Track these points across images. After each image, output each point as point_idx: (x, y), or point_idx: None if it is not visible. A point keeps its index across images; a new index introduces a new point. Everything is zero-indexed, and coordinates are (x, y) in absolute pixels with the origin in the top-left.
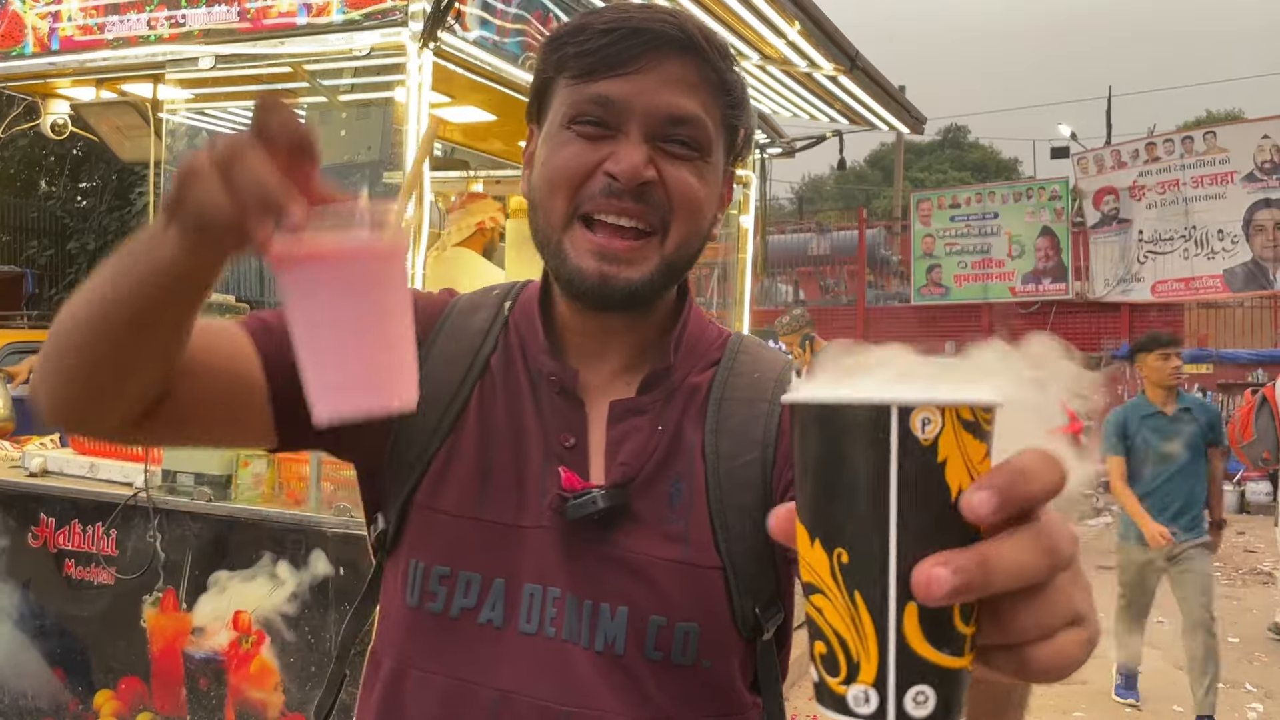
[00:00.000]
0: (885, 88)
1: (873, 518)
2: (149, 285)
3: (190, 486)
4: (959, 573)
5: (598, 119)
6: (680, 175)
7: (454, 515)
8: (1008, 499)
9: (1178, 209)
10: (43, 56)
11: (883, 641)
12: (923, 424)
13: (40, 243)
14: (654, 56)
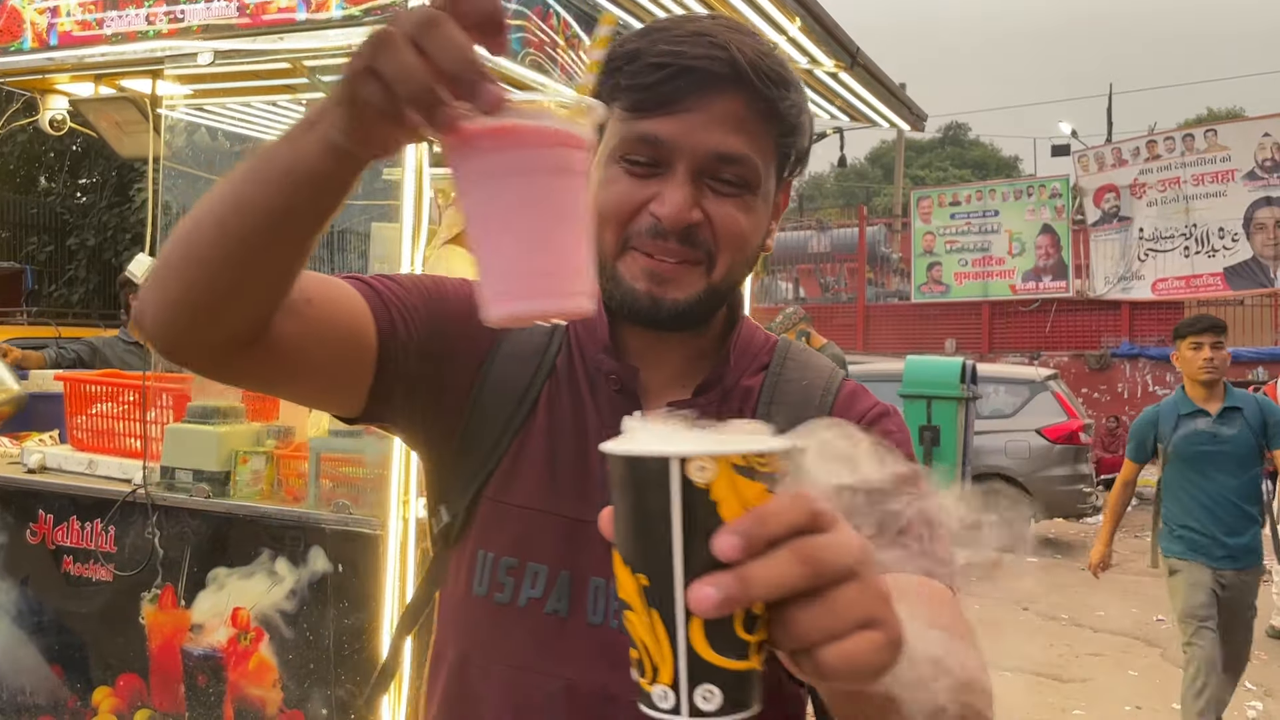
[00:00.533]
0: (886, 84)
1: (663, 548)
2: (287, 185)
3: (189, 483)
4: (720, 589)
5: (646, 158)
6: (726, 213)
7: (523, 508)
8: (751, 540)
9: (1178, 207)
10: (41, 52)
11: (675, 649)
12: (699, 470)
13: (40, 239)
14: (704, 95)
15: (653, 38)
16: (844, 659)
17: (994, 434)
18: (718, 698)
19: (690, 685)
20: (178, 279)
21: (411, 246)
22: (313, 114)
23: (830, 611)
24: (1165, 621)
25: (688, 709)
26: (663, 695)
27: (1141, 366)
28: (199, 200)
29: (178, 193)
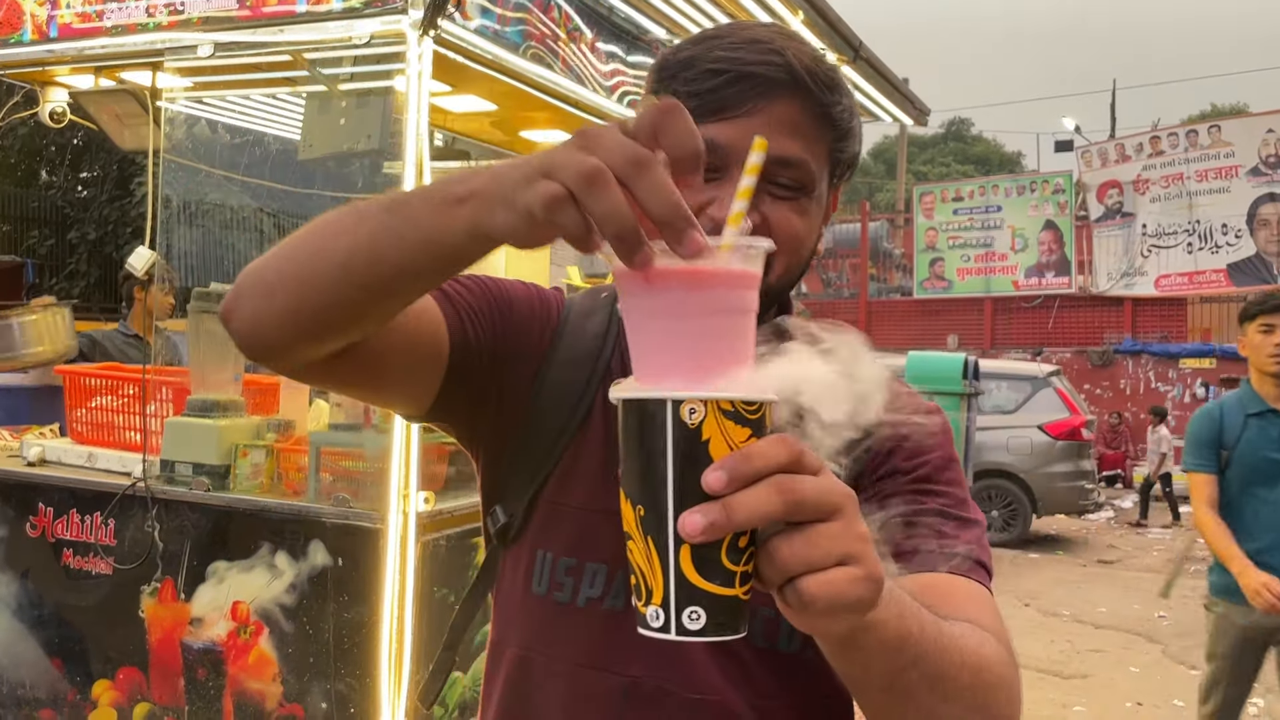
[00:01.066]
0: (889, 79)
1: (658, 481)
2: (423, 253)
3: (188, 476)
4: (706, 515)
5: (704, 165)
6: (782, 215)
7: (581, 509)
8: (735, 475)
9: (1181, 203)
10: (41, 44)
11: (665, 574)
12: (689, 412)
13: (41, 232)
14: (760, 100)
15: (708, 45)
16: (824, 589)
17: (996, 430)
18: (702, 619)
19: (679, 607)
20: (287, 296)
21: None
22: (461, 189)
23: (810, 544)
24: (1166, 618)
25: (675, 627)
26: (655, 615)
27: (1144, 363)
28: (320, 223)
29: (178, 186)
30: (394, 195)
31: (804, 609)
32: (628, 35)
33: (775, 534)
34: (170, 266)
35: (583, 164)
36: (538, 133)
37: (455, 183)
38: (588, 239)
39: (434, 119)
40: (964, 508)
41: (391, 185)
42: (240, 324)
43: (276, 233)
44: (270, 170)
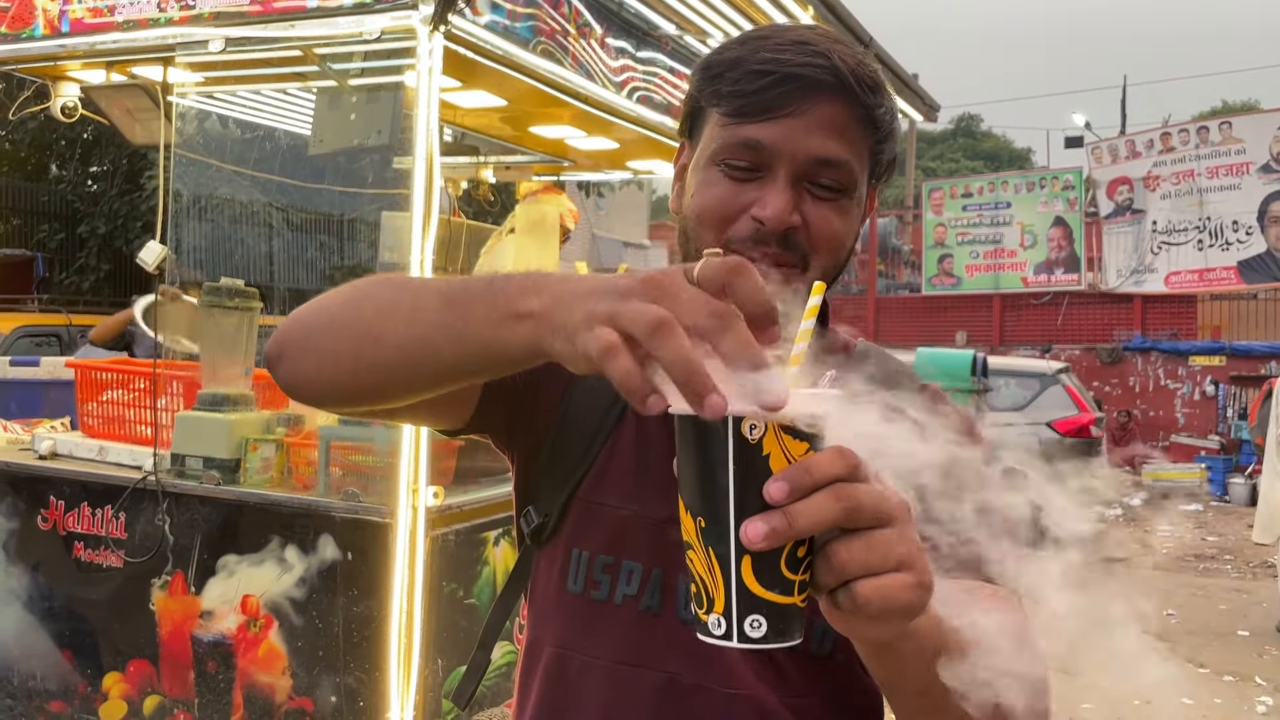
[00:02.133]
0: (899, 74)
1: (720, 493)
2: (481, 357)
3: (199, 470)
4: (768, 522)
5: (748, 162)
6: (823, 216)
7: (616, 509)
8: (795, 486)
9: (1192, 200)
10: (53, 39)
11: (728, 583)
12: (750, 429)
13: (51, 226)
14: (805, 101)
15: (754, 45)
16: (878, 592)
17: (1005, 427)
18: (764, 626)
19: (740, 615)
20: (339, 370)
21: (421, 235)
22: (523, 304)
23: (868, 548)
24: (1175, 616)
25: (737, 635)
26: (717, 623)
27: (1153, 360)
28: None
29: (188, 180)
30: (451, 286)
31: (856, 611)
32: (638, 31)
33: (833, 539)
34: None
35: (649, 315)
36: (548, 128)
37: (517, 293)
38: (639, 391)
39: (444, 114)
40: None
41: (401, 181)
42: (287, 377)
43: (286, 227)
44: (280, 165)
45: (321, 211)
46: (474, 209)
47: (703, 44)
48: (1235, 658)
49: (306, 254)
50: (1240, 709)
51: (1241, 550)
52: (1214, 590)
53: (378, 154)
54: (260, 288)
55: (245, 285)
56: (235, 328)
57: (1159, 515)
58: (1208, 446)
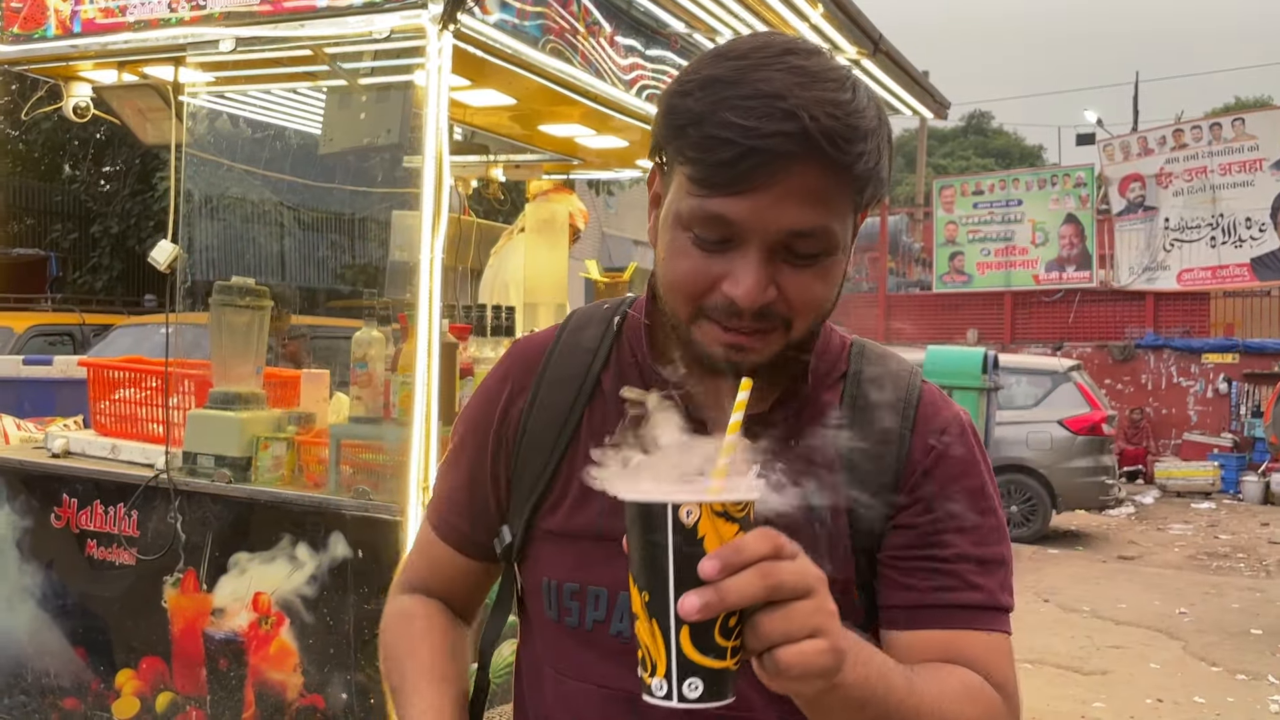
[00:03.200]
0: (909, 72)
1: (661, 571)
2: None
3: (211, 468)
4: (702, 598)
5: (717, 236)
6: (802, 284)
7: (576, 536)
8: (726, 565)
9: (1205, 196)
10: (65, 39)
11: (668, 650)
12: (687, 514)
13: (64, 226)
14: (774, 174)
15: (715, 97)
16: (798, 658)
17: (1016, 425)
18: (700, 688)
19: (679, 678)
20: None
21: (431, 234)
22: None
23: (787, 619)
24: (1188, 614)
25: (677, 696)
26: (659, 685)
27: (1166, 358)
28: (388, 661)
29: (200, 180)
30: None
31: (779, 674)
32: (647, 29)
33: (758, 611)
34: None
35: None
36: (557, 126)
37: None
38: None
39: (453, 113)
40: (994, 539)
41: (410, 180)
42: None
43: (297, 226)
44: (291, 165)
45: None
46: (484, 208)
47: (712, 41)
48: (1248, 656)
49: (318, 253)
50: (1253, 708)
51: (1255, 548)
52: (1227, 589)
53: (388, 153)
54: (272, 286)
55: (256, 284)
56: (246, 326)
57: (1172, 513)
58: (1221, 444)
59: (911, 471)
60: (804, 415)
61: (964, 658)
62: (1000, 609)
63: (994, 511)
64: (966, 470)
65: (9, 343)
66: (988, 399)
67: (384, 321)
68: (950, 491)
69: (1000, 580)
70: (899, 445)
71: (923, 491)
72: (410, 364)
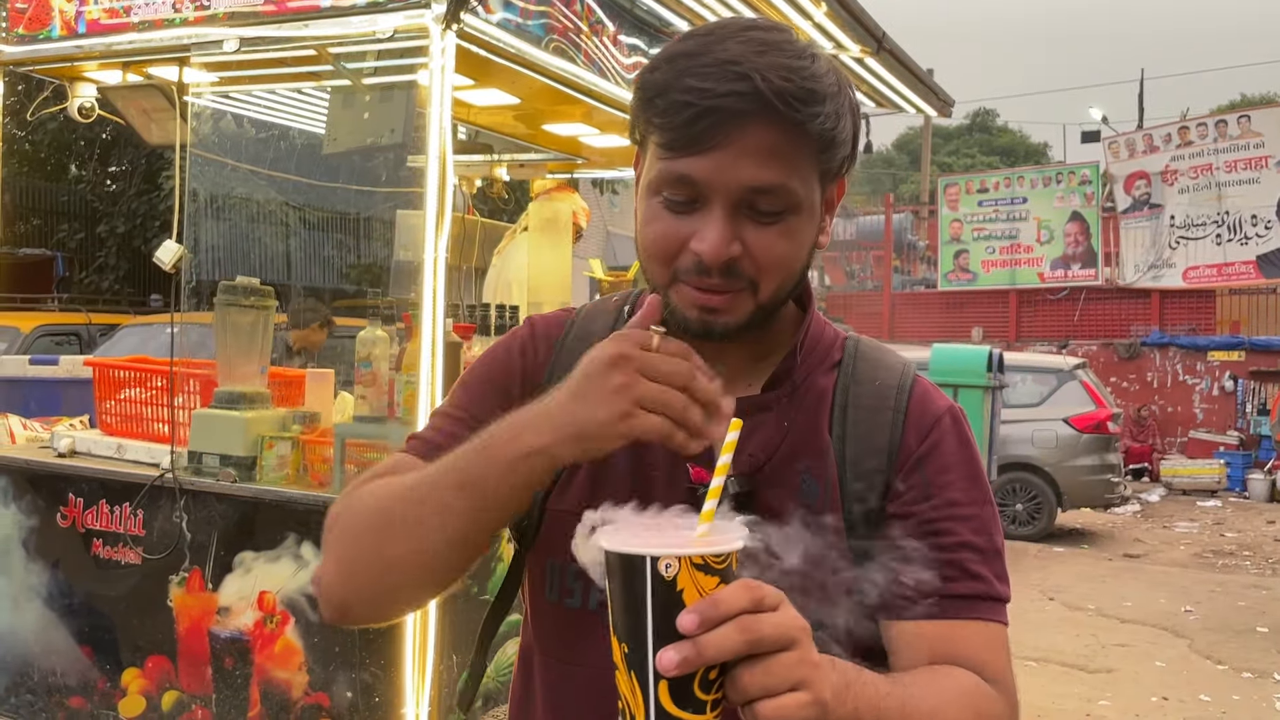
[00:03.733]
0: (913, 70)
1: (640, 623)
2: (508, 513)
3: (216, 467)
4: (680, 652)
5: (683, 196)
6: (766, 242)
7: (581, 514)
8: (705, 619)
9: (1210, 194)
10: (69, 40)
11: (646, 703)
12: (665, 567)
13: (70, 226)
14: (730, 132)
15: (678, 68)
16: (776, 712)
17: (1021, 423)
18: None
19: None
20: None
21: (435, 233)
22: (520, 445)
23: (767, 673)
24: (1194, 612)
25: None
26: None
27: (1171, 355)
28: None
29: (205, 180)
30: (452, 473)
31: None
32: (650, 28)
33: (739, 664)
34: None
35: (656, 393)
36: (561, 126)
37: (508, 441)
38: (676, 437)
39: (457, 113)
40: (991, 528)
41: (414, 179)
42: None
43: (301, 226)
44: (295, 164)
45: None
46: (489, 207)
47: None
48: (1254, 654)
49: (323, 252)
50: (1259, 706)
51: (1261, 546)
52: (1233, 587)
53: (392, 152)
54: (277, 286)
55: (262, 284)
56: (251, 326)
57: (1178, 511)
58: (1226, 442)
59: (905, 458)
60: (796, 399)
61: (962, 649)
62: (998, 599)
63: (989, 501)
64: (962, 458)
65: (16, 342)
66: (993, 397)
67: (388, 321)
68: (947, 479)
69: (998, 570)
70: (891, 431)
71: (918, 478)
72: (414, 363)
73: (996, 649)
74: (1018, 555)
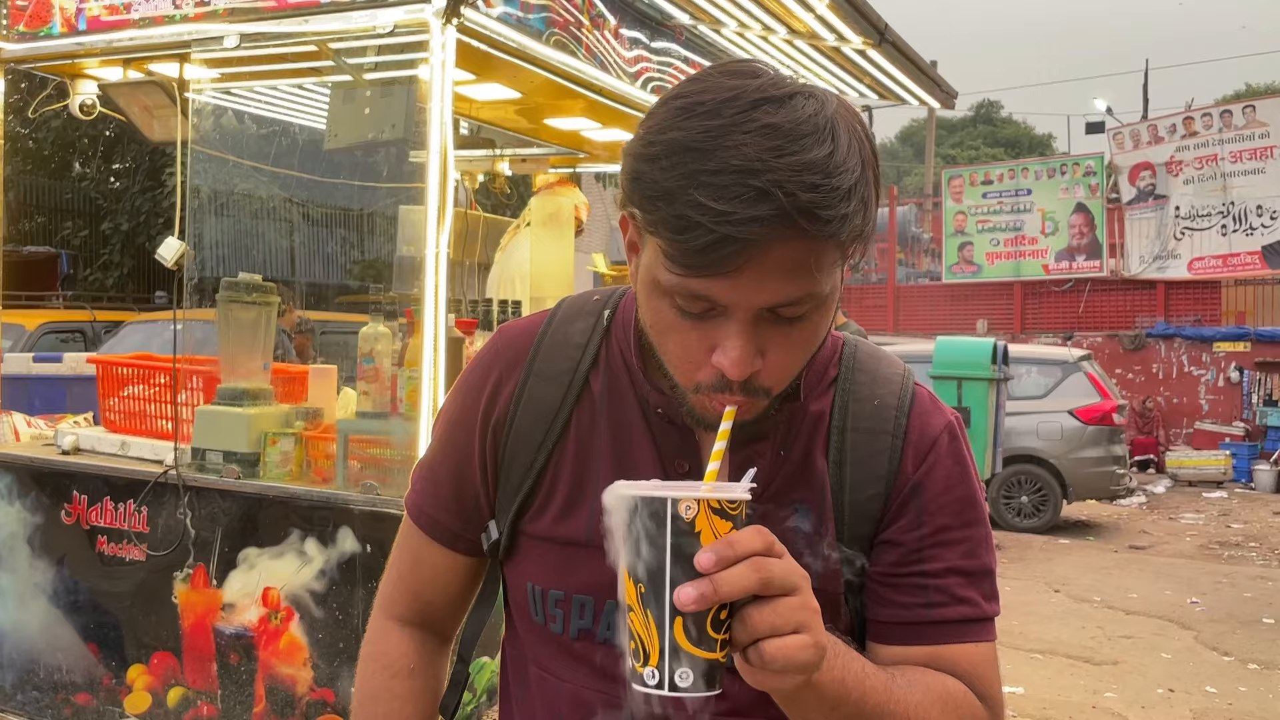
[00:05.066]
0: (916, 62)
1: (658, 564)
2: None
3: (219, 464)
4: (697, 588)
5: (700, 310)
6: (786, 349)
7: (563, 543)
8: (721, 558)
9: (1215, 184)
10: (70, 37)
11: (662, 640)
12: (685, 509)
13: (74, 224)
14: (753, 254)
15: (684, 171)
16: (781, 651)
17: (1026, 415)
18: (691, 677)
19: (672, 667)
20: None
21: (437, 228)
22: None
23: (775, 613)
24: (1199, 604)
25: (668, 685)
26: (651, 674)
27: (1177, 347)
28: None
29: (207, 176)
30: None
31: (764, 666)
32: (651, 21)
33: (748, 604)
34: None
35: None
36: (562, 120)
37: None
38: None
39: (458, 107)
40: (981, 550)
41: (416, 174)
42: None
43: (303, 222)
44: (298, 160)
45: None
46: (491, 202)
47: (716, 33)
48: (1260, 646)
49: (325, 248)
50: (1265, 697)
51: (1267, 537)
52: (1239, 578)
53: (393, 148)
54: (280, 282)
55: (264, 280)
56: (254, 322)
57: (1184, 502)
58: (1232, 433)
59: (902, 485)
60: (793, 425)
61: (951, 670)
62: (986, 619)
63: (981, 521)
64: (956, 481)
65: (21, 340)
66: (997, 389)
67: (391, 316)
68: (940, 504)
69: (985, 590)
70: (890, 457)
71: (912, 506)
72: (417, 359)
73: (985, 667)
74: (1023, 547)
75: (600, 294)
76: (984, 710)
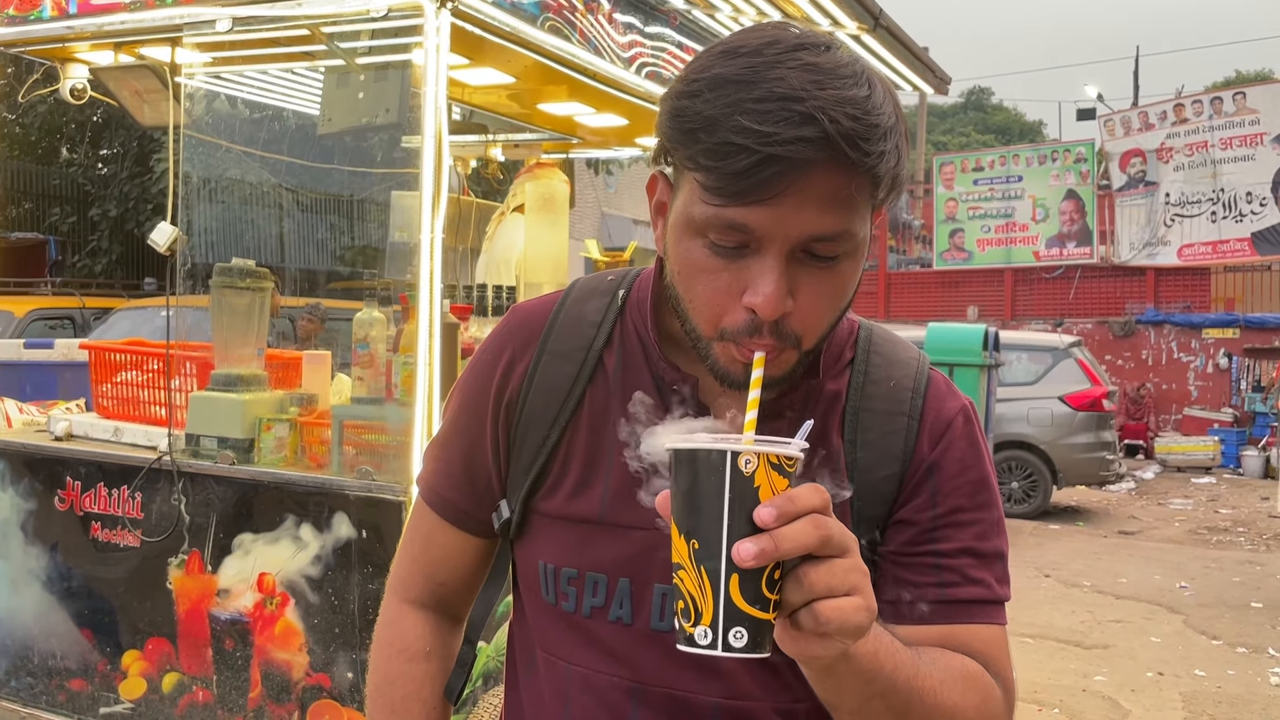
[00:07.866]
0: (909, 47)
1: (714, 519)
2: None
3: (214, 450)
4: (758, 543)
5: (734, 242)
6: (818, 294)
7: (576, 521)
8: (782, 513)
9: (1205, 171)
10: (61, 20)
11: (716, 598)
12: (745, 463)
13: (62, 210)
14: (794, 181)
15: (727, 100)
16: (838, 612)
17: (1017, 402)
18: (745, 638)
19: (726, 626)
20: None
21: (431, 214)
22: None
23: (831, 573)
24: (1188, 588)
25: (722, 645)
26: (704, 634)
27: (1166, 333)
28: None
29: (198, 161)
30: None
31: (816, 629)
32: (646, 6)
33: (803, 563)
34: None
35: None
36: (556, 105)
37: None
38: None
39: (452, 92)
40: (994, 532)
41: (410, 160)
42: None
43: (296, 207)
44: (290, 145)
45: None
46: (483, 187)
47: (711, 18)
48: (1248, 630)
49: (318, 234)
50: (1254, 680)
51: (1255, 522)
52: (1227, 562)
53: (386, 133)
54: (272, 268)
55: (257, 266)
56: (247, 308)
57: (1173, 488)
58: (1221, 419)
59: (918, 465)
60: (810, 403)
61: (964, 651)
62: (998, 602)
63: (994, 504)
64: (971, 464)
65: (10, 327)
66: (988, 376)
67: (385, 302)
68: (955, 485)
69: (998, 573)
70: (905, 438)
71: (927, 486)
72: (412, 344)
73: (997, 649)
74: (1014, 533)
75: (614, 274)
76: (999, 692)
